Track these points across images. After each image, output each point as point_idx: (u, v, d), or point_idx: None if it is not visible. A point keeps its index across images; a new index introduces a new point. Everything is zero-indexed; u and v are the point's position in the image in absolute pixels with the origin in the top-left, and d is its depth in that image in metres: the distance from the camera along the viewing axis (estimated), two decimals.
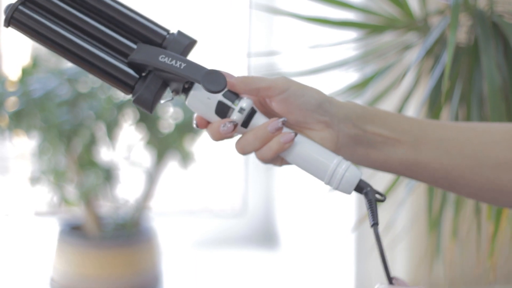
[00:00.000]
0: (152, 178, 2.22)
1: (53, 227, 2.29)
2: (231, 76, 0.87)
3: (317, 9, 1.56)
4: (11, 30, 0.89)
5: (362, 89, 1.41)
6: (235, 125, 0.86)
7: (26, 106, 2.03)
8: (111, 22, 0.89)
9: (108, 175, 2.13)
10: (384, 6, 1.44)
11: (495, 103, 1.22)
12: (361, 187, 0.87)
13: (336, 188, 0.87)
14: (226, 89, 0.86)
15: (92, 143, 2.10)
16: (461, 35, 1.35)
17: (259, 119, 0.87)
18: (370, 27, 1.41)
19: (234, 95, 0.87)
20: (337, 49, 1.50)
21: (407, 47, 1.41)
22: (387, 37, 1.48)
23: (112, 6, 0.89)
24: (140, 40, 0.89)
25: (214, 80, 0.85)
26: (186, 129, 2.15)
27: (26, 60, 2.16)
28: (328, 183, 0.87)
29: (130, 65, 0.88)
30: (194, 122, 0.89)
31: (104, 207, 2.23)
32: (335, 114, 0.88)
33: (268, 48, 2.56)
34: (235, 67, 2.59)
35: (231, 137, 0.88)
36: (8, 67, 2.42)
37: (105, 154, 2.17)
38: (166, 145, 2.16)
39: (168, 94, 0.89)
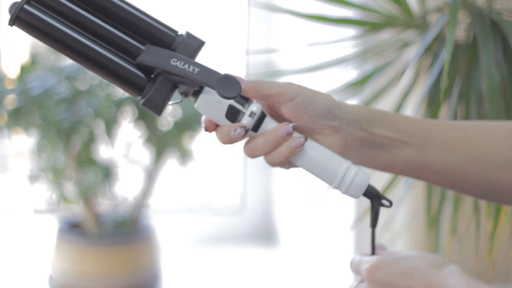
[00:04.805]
0: (151, 175, 2.22)
1: (52, 224, 2.29)
2: (242, 80, 0.86)
3: (315, 7, 1.56)
4: (9, 28, 0.87)
5: (361, 86, 1.42)
6: (246, 130, 0.86)
7: (25, 103, 2.03)
8: (119, 22, 0.87)
9: (107, 172, 2.13)
10: (382, 4, 1.44)
11: (493, 100, 1.22)
12: (369, 194, 0.88)
13: (345, 193, 0.88)
14: None
15: (91, 140, 2.10)
16: (460, 32, 1.35)
17: (269, 123, 0.88)
18: (369, 25, 1.41)
19: (244, 99, 0.87)
20: (335, 46, 1.50)
21: (405, 45, 1.41)
22: (386, 35, 1.48)
23: (120, 6, 0.87)
24: (148, 41, 0.87)
25: (229, 85, 0.84)
26: (185, 126, 2.15)
27: (24, 58, 2.16)
28: (337, 187, 0.88)
29: (138, 66, 0.87)
30: (203, 125, 0.89)
31: (103, 204, 2.23)
32: (343, 118, 0.88)
33: (266, 46, 2.56)
34: (234, 64, 2.58)
35: (240, 140, 0.88)
36: (6, 65, 2.42)
37: (104, 151, 2.17)
38: (165, 142, 2.16)
39: (176, 95, 0.88)
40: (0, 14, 2.39)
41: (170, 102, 0.87)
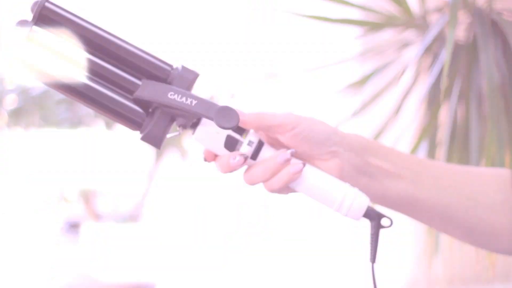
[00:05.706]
0: (151, 175, 2.22)
1: (52, 225, 2.29)
2: (243, 113, 0.87)
3: (315, 7, 1.56)
4: (9, 28, 0.87)
5: (362, 86, 1.42)
6: (246, 158, 0.87)
7: (25, 103, 2.03)
8: (114, 59, 0.87)
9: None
10: (383, 4, 1.44)
11: (493, 100, 1.22)
12: (369, 215, 0.89)
13: (345, 215, 0.89)
14: None
15: None
16: (460, 32, 1.35)
17: (267, 151, 0.88)
18: (370, 25, 1.41)
19: (242, 128, 0.87)
20: (335, 46, 1.50)
21: (406, 45, 1.41)
22: (386, 35, 1.48)
23: (115, 43, 0.87)
24: (144, 76, 0.87)
25: (227, 116, 0.84)
26: None
27: None
28: (337, 210, 0.89)
29: (136, 101, 0.87)
30: (202, 155, 0.89)
31: (103, 204, 2.23)
32: (341, 144, 0.89)
33: (266, 46, 2.56)
34: (236, 65, 2.58)
35: (239, 169, 0.89)
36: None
37: None
38: (165, 142, 2.16)
39: (174, 128, 0.89)
40: (0, 14, 2.39)
41: (168, 135, 0.88)
